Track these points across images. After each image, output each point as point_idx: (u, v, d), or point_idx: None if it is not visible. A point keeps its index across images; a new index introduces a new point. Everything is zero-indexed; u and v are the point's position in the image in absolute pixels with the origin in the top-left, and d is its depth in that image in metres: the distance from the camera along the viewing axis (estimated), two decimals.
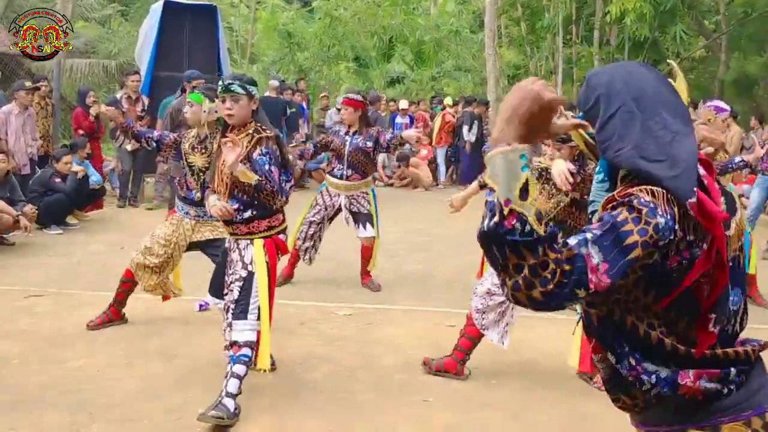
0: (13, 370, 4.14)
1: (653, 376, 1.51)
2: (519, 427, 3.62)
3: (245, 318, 3.61)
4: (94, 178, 8.97)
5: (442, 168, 13.54)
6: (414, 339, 4.82)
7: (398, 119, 13.81)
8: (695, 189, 1.43)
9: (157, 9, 10.61)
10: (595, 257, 1.34)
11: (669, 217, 1.41)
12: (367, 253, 6.06)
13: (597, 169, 1.65)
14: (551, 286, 1.30)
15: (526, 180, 1.31)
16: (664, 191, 1.43)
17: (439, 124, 13.41)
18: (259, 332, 3.66)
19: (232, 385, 3.51)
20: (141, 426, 3.50)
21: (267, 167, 3.53)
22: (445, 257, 7.20)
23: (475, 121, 12.94)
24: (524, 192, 1.31)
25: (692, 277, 1.45)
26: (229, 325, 3.64)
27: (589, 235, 1.37)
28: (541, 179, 4.22)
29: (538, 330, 4.87)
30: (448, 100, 14.34)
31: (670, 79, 1.62)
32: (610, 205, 1.46)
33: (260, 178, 3.50)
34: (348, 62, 20.52)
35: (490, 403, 3.88)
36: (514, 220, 1.30)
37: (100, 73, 15.44)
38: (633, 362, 1.52)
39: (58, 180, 8.18)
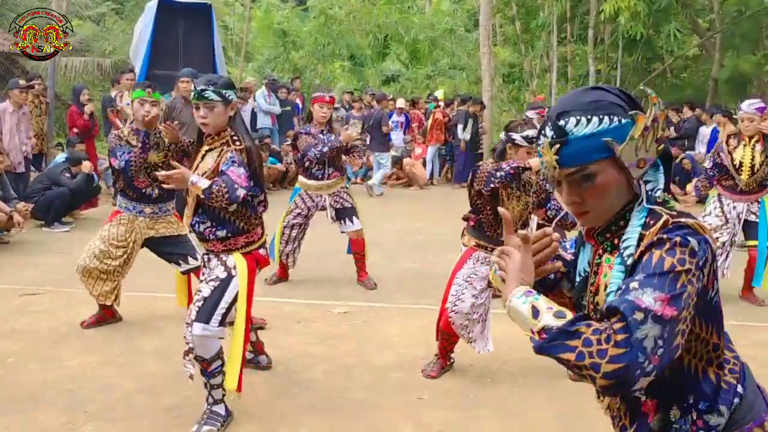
0: (8, 369, 4.15)
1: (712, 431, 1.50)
2: (513, 425, 3.64)
3: (207, 322, 3.32)
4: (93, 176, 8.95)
5: (433, 166, 13.56)
6: (409, 337, 4.84)
7: (394, 117, 13.83)
8: None
9: (152, 7, 10.60)
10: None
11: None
12: (359, 247, 6.07)
13: None
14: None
15: (531, 305, 1.42)
16: None
17: (431, 122, 13.46)
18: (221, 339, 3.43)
19: (216, 393, 3.45)
20: (138, 424, 3.51)
21: (224, 168, 3.26)
22: (440, 255, 7.22)
23: (470, 120, 12.95)
24: (535, 311, 1.41)
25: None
26: (189, 323, 3.37)
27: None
28: (512, 182, 3.97)
29: None
30: (439, 94, 14.37)
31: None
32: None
33: (208, 187, 3.21)
34: (343, 61, 20.53)
35: (485, 401, 3.90)
36: (543, 334, 1.37)
37: (94, 71, 15.42)
38: (695, 416, 1.50)
39: (68, 176, 8.19)
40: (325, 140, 5.77)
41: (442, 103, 14.10)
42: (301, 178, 6.02)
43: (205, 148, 3.43)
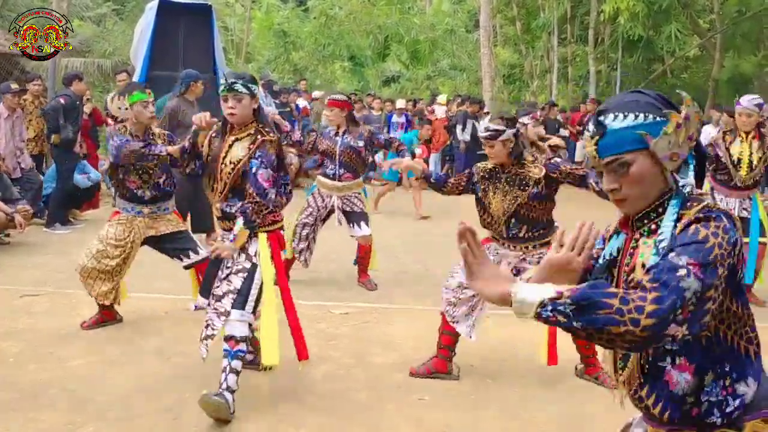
0: (9, 369, 4.14)
1: (738, 399, 1.58)
2: (515, 426, 3.63)
3: (243, 308, 3.59)
4: (92, 175, 8.88)
5: (432, 168, 13.56)
6: (411, 338, 4.83)
7: (394, 118, 13.82)
8: None
9: (152, 8, 10.59)
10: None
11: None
12: (365, 252, 6.07)
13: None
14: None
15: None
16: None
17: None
18: (250, 325, 3.65)
19: (232, 380, 3.51)
20: (137, 425, 3.50)
21: (254, 170, 3.51)
22: (443, 256, 7.19)
23: (469, 120, 12.93)
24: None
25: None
26: (224, 313, 3.58)
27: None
28: (492, 179, 4.05)
29: (534, 328, 4.86)
30: (441, 98, 14.31)
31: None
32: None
33: (245, 221, 3.52)
34: (343, 61, 20.55)
35: (487, 401, 3.90)
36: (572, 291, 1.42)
37: (94, 72, 15.38)
38: (727, 382, 1.59)
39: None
40: (327, 137, 5.94)
41: (444, 110, 13.92)
42: (318, 176, 6.13)
43: (233, 138, 3.64)
